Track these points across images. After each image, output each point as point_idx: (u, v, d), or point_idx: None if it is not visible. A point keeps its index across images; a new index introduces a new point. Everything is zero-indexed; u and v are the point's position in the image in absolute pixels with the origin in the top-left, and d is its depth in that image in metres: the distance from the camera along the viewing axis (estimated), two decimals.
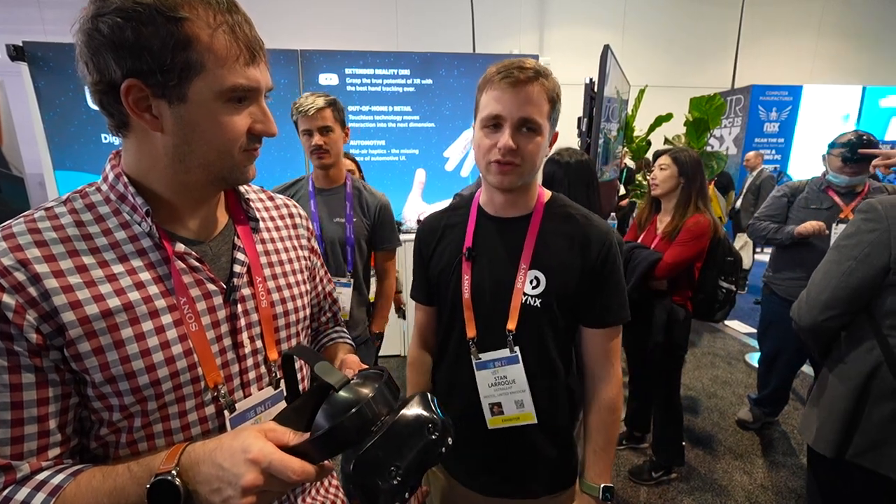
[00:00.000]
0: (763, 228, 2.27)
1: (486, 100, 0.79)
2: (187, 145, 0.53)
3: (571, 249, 0.85)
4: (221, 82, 0.50)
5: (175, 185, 0.56)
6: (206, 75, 0.50)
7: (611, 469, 0.88)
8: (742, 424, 2.52)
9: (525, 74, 0.76)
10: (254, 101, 0.55)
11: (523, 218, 0.88)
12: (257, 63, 0.53)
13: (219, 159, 0.55)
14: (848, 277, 1.05)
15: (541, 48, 6.55)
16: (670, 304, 1.90)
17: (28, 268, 0.48)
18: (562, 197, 0.93)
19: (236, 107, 0.53)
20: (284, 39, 4.04)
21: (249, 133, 0.55)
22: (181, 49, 0.48)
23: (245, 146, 0.56)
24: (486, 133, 0.80)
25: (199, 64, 0.49)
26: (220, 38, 0.49)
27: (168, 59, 0.48)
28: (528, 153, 0.79)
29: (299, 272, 0.72)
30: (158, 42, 0.47)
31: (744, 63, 6.56)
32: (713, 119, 3.36)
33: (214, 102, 0.51)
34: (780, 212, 2.25)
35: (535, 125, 0.77)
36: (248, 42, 0.52)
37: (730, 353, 3.48)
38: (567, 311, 0.87)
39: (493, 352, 0.88)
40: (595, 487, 0.86)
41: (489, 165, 0.81)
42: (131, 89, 0.49)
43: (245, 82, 0.52)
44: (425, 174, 3.54)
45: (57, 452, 0.51)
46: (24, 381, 0.48)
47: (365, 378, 0.49)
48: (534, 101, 0.76)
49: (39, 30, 5.23)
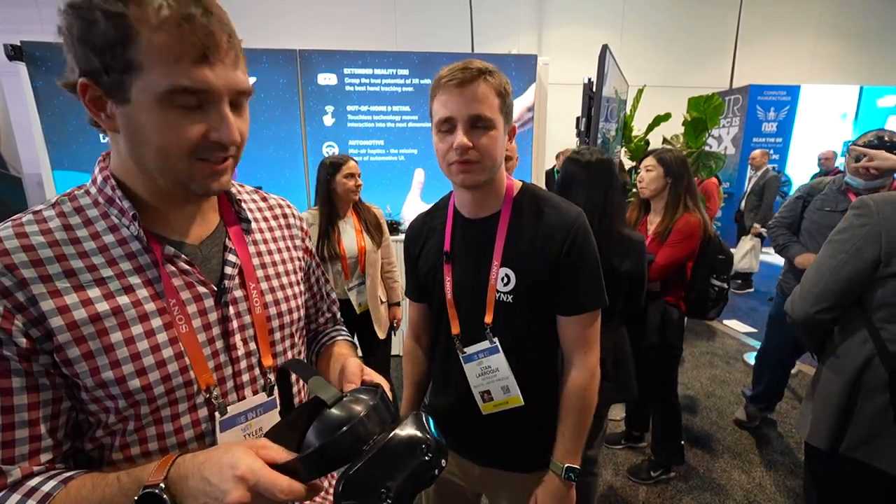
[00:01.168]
0: (774, 238, 2.29)
1: (436, 105, 0.82)
2: (138, 148, 0.50)
3: (536, 242, 0.87)
4: (160, 82, 0.46)
5: (150, 188, 0.55)
6: (146, 75, 0.46)
7: (579, 451, 0.91)
8: (739, 424, 2.53)
9: (469, 74, 0.78)
10: (209, 104, 0.49)
11: (493, 216, 0.91)
12: (210, 62, 0.47)
13: (169, 166, 0.51)
14: (839, 270, 1.06)
15: (539, 48, 6.55)
16: (664, 305, 1.91)
17: (15, 273, 0.48)
18: (532, 187, 0.95)
19: (186, 111, 0.48)
20: (283, 39, 4.04)
21: (205, 140, 0.50)
22: (121, 47, 0.45)
23: (198, 154, 0.51)
24: (442, 137, 0.82)
25: (137, 63, 0.45)
26: (161, 35, 0.45)
27: (109, 58, 0.45)
28: (485, 148, 0.81)
29: (293, 273, 0.72)
30: (100, 39, 0.45)
31: (742, 63, 6.57)
32: (711, 119, 3.36)
33: (156, 105, 0.47)
34: (794, 218, 2.21)
35: (486, 121, 0.79)
36: (200, 39, 0.46)
37: (728, 353, 3.49)
38: (539, 303, 0.89)
39: (475, 345, 0.93)
40: (560, 466, 0.90)
41: (450, 167, 0.83)
42: (86, 88, 0.48)
43: (188, 83, 0.47)
44: (424, 174, 3.54)
45: (49, 457, 0.51)
46: (14, 386, 0.48)
47: (359, 395, 0.48)
48: (481, 98, 0.78)
49: (38, 29, 5.21)
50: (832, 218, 2.01)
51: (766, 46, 6.97)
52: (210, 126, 0.50)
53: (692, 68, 6.94)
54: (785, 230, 2.25)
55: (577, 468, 0.90)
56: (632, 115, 3.84)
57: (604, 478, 2.15)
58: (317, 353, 0.83)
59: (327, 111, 3.36)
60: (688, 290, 1.95)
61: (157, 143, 0.49)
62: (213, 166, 0.52)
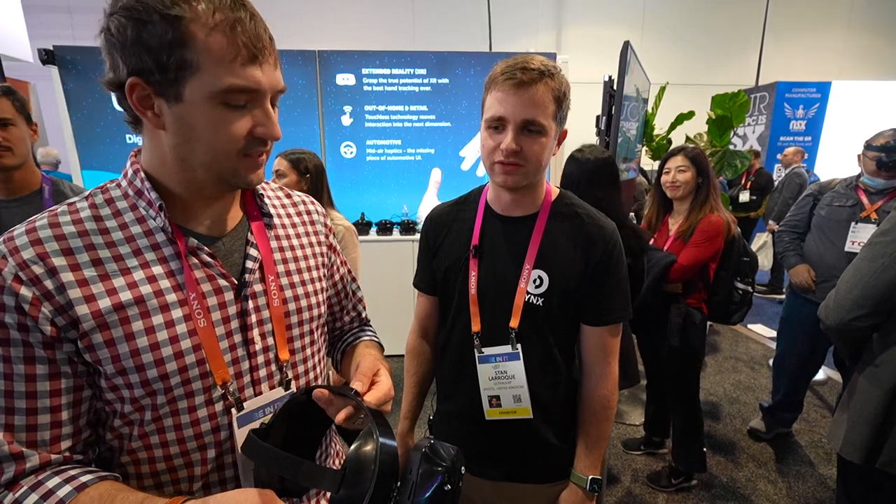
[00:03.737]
0: (778, 243, 2.26)
1: (490, 100, 0.80)
2: (187, 144, 0.52)
3: (575, 249, 0.86)
4: (216, 83, 0.49)
5: (184, 183, 0.56)
6: (202, 75, 0.48)
7: (601, 462, 0.91)
8: (753, 434, 2.42)
9: (529, 76, 0.75)
10: (256, 103, 0.53)
11: (529, 217, 0.89)
12: (259, 63, 0.51)
13: (217, 161, 0.54)
14: (881, 275, 1.01)
15: (558, 46, 6.48)
16: (685, 308, 1.86)
17: (46, 261, 0.50)
18: (569, 195, 0.94)
19: (236, 109, 0.51)
20: (303, 41, 4.09)
21: (250, 136, 0.53)
22: (177, 47, 0.47)
23: (245, 150, 0.54)
24: (490, 133, 0.81)
25: (194, 63, 0.48)
26: (217, 37, 0.48)
27: (164, 58, 0.47)
28: (532, 154, 0.79)
29: (314, 269, 0.72)
30: (156, 40, 0.47)
31: (769, 59, 6.37)
32: (737, 116, 3.27)
33: (210, 103, 0.50)
34: (803, 216, 2.18)
35: (539, 126, 0.77)
36: (250, 41, 0.49)
37: (753, 358, 3.38)
38: (569, 310, 0.88)
39: (495, 347, 0.90)
40: (583, 479, 0.89)
41: (493, 166, 0.82)
42: (135, 87, 0.49)
43: (241, 83, 0.50)
44: (441, 173, 3.53)
45: (69, 444, 0.52)
46: (38, 372, 0.50)
47: (359, 468, 0.47)
48: (537, 102, 0.76)
49: (69, 34, 5.42)
50: (840, 213, 2.01)
51: (793, 41, 6.74)
52: (255, 122, 0.53)
53: (716, 65, 6.76)
54: (790, 235, 2.23)
55: (600, 479, 0.88)
56: (653, 114, 3.76)
57: (622, 483, 2.10)
58: (342, 352, 0.82)
59: (345, 111, 3.38)
60: (711, 292, 1.90)
61: (209, 140, 0.52)
62: (255, 160, 0.56)
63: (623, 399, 2.79)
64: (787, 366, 2.27)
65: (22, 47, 2.70)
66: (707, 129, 3.47)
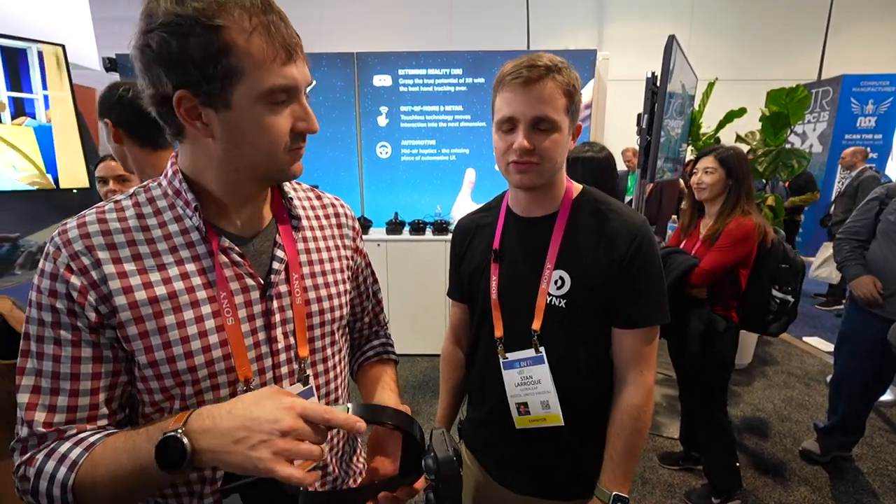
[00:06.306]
0: (838, 251, 2.06)
1: (499, 102, 0.79)
2: (237, 149, 0.54)
3: (598, 247, 0.83)
4: (261, 85, 0.51)
5: (224, 185, 0.59)
6: (247, 80, 0.50)
7: (630, 478, 0.84)
8: (806, 456, 2.23)
9: (536, 72, 0.74)
10: (294, 99, 0.55)
11: (549, 217, 0.87)
12: (294, 61, 0.53)
13: (265, 162, 0.56)
14: None
15: (599, 43, 6.29)
16: (709, 314, 1.74)
17: (92, 253, 0.53)
18: (593, 191, 0.90)
19: (277, 107, 0.53)
20: (342, 43, 4.19)
21: (292, 132, 0.56)
22: (221, 56, 0.49)
23: (289, 146, 0.56)
24: (502, 136, 0.80)
25: (238, 69, 0.50)
26: (255, 41, 0.50)
27: (210, 68, 0.49)
28: (546, 151, 0.78)
29: (339, 272, 0.73)
30: (200, 52, 0.48)
31: (833, 51, 5.88)
32: (794, 113, 3.02)
33: (256, 105, 0.52)
34: (867, 223, 1.99)
35: (551, 122, 0.76)
36: (284, 41, 0.52)
37: (808, 374, 3.14)
38: (595, 311, 0.84)
39: (519, 351, 0.88)
40: (606, 494, 0.82)
41: (508, 167, 0.81)
42: (182, 100, 0.51)
43: (283, 82, 0.52)
44: (475, 174, 3.52)
45: (104, 424, 0.55)
46: (83, 356, 0.53)
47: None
48: (546, 98, 0.75)
49: None
50: None
51: (861, 32, 6.18)
52: (296, 118, 0.55)
53: (770, 59, 6.32)
54: (852, 242, 2.03)
55: (627, 497, 0.82)
56: (700, 111, 3.56)
57: (656, 496, 2.01)
58: (359, 364, 0.83)
59: (381, 112, 3.43)
60: (744, 300, 1.77)
61: (258, 140, 0.54)
62: (297, 153, 0.58)
63: (661, 410, 2.66)
64: (847, 387, 2.07)
65: (90, 56, 2.93)
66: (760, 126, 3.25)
